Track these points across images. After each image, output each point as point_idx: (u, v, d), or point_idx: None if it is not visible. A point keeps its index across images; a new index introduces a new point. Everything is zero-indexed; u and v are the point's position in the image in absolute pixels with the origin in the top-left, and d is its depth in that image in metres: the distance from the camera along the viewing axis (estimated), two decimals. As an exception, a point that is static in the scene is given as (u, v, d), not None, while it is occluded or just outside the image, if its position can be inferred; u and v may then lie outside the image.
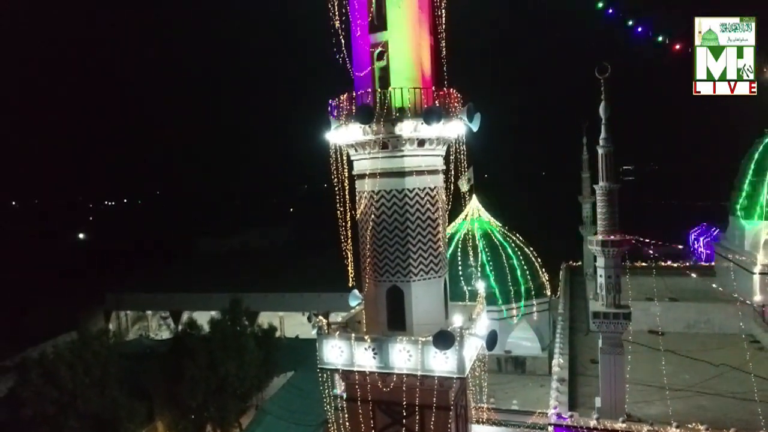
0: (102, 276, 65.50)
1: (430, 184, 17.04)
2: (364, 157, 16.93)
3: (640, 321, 25.88)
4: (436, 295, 17.42)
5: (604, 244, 16.07)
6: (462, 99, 17.84)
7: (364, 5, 16.62)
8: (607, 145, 16.24)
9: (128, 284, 56.93)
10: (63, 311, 52.64)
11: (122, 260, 77.45)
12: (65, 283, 64.41)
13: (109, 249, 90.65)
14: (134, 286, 54.87)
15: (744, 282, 25.89)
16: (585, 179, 38.69)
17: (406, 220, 16.77)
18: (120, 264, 73.41)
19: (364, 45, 16.71)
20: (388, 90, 16.13)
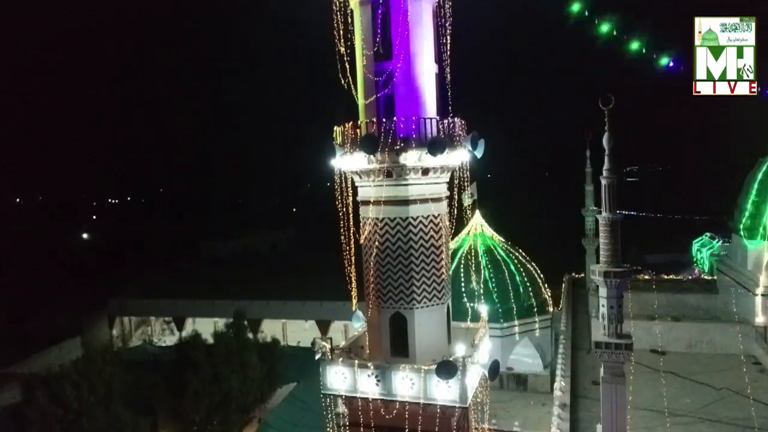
0: (106, 279, 65.82)
1: (433, 211, 17.16)
2: (369, 184, 17.06)
3: (642, 340, 26.03)
4: (439, 322, 17.54)
5: (607, 275, 16.15)
6: (466, 126, 18.03)
7: (370, 37, 16.75)
8: (610, 176, 16.32)
9: (132, 288, 57.13)
10: (66, 316, 52.99)
11: (126, 263, 77.78)
12: (69, 286, 64.87)
13: (112, 251, 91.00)
14: (138, 292, 55.06)
15: (746, 302, 25.91)
16: (588, 192, 38.73)
17: (409, 248, 16.90)
18: (124, 266, 73.73)
19: (369, 73, 16.83)
20: (393, 119, 16.28)
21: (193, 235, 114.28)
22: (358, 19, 17.32)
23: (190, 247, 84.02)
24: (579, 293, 38.20)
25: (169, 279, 57.20)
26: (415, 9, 16.75)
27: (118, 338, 53.73)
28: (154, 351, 45.81)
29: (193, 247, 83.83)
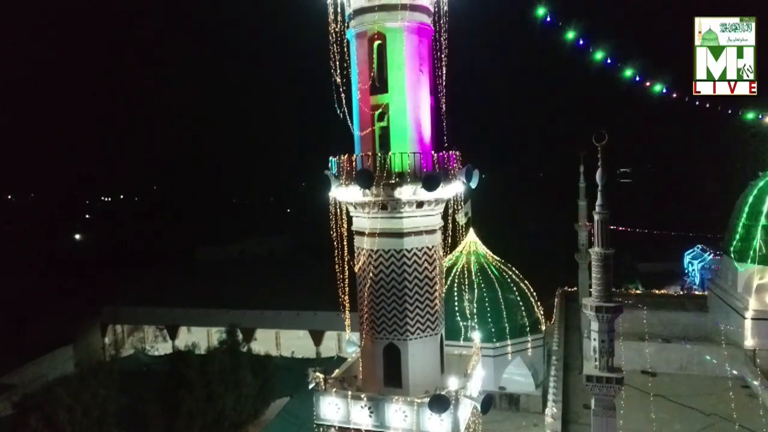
0: (99, 284, 65.41)
1: (428, 243, 17.31)
2: (364, 215, 17.19)
3: (633, 361, 26.27)
4: (433, 353, 17.70)
5: (599, 309, 16.32)
6: (461, 157, 18.16)
7: (365, 69, 16.86)
8: (602, 212, 16.47)
9: (125, 295, 56.89)
10: (59, 322, 52.62)
11: (119, 266, 77.37)
12: (62, 290, 64.30)
13: (106, 254, 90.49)
14: (131, 299, 54.88)
15: (736, 324, 26.20)
16: (581, 207, 38.94)
17: (403, 280, 17.04)
18: (117, 270, 73.32)
19: (365, 106, 16.94)
20: (389, 154, 16.39)
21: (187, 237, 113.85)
22: (354, 51, 17.44)
23: (184, 251, 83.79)
24: (571, 307, 38.40)
25: (163, 286, 57.08)
26: (411, 42, 16.88)
27: (110, 346, 53.57)
28: (146, 361, 45.83)
29: (187, 252, 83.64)
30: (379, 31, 16.64)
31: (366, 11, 16.69)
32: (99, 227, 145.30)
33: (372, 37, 16.77)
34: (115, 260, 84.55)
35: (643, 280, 65.88)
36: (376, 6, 16.47)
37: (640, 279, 66.33)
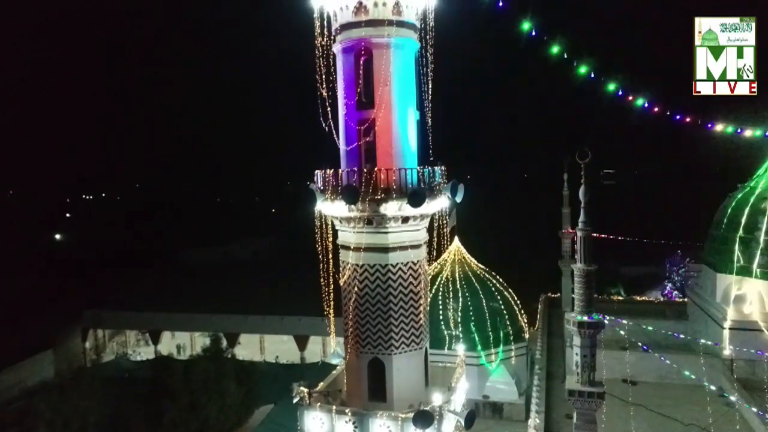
0: (80, 286, 64.41)
1: (413, 258, 17.38)
2: (349, 230, 17.20)
3: (614, 370, 26.58)
4: (417, 367, 17.77)
5: (581, 325, 16.49)
6: (446, 172, 18.26)
7: (352, 84, 16.87)
8: (585, 228, 16.63)
9: (107, 298, 56.16)
10: (39, 325, 51.63)
11: (101, 268, 76.29)
12: (42, 292, 63.16)
13: (87, 255, 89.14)
14: (113, 302, 54.18)
15: (714, 334, 26.67)
16: (565, 215, 39.37)
17: (388, 295, 17.08)
18: (98, 273, 72.30)
19: (351, 122, 16.95)
20: (375, 170, 16.42)
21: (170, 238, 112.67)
22: (340, 65, 17.44)
23: (168, 253, 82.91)
24: (555, 313, 38.77)
25: (145, 289, 56.45)
26: (398, 57, 16.93)
27: (91, 350, 52.82)
28: (128, 366, 45.30)
29: (171, 254, 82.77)
30: (365, 47, 16.67)
31: (353, 26, 16.70)
32: (80, 227, 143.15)
33: (359, 52, 16.78)
34: (96, 262, 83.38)
35: (625, 285, 66.73)
36: (363, 21, 16.49)
37: (623, 283, 67.18)
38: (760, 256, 25.18)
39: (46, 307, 56.09)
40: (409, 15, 16.95)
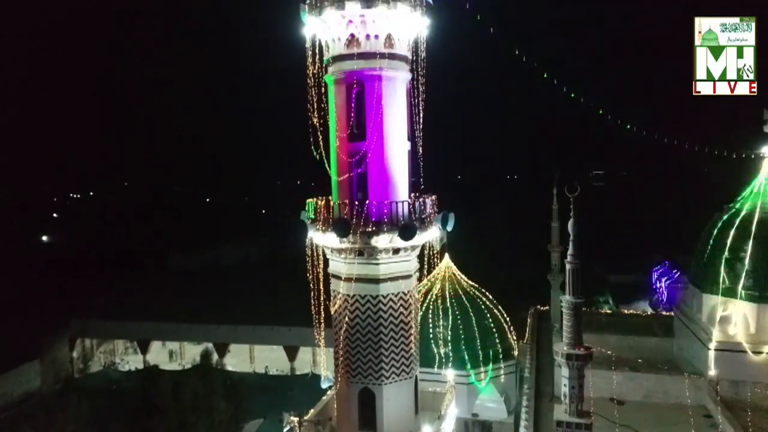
0: (67, 293, 63.55)
1: (403, 288, 17.48)
2: (340, 260, 17.26)
3: (602, 389, 26.82)
4: (407, 395, 17.88)
5: (569, 357, 16.69)
6: (437, 201, 18.36)
7: (343, 116, 16.93)
8: (574, 261, 16.84)
9: (95, 304, 55.63)
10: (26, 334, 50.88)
11: (89, 273, 75.45)
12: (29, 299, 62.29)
13: (75, 259, 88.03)
14: (101, 310, 53.66)
15: (700, 353, 26.98)
16: (554, 229, 39.53)
17: (379, 326, 17.18)
18: (86, 277, 71.46)
19: (342, 153, 17.00)
20: (366, 203, 16.50)
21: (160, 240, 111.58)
22: (332, 96, 17.47)
23: (157, 257, 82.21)
24: (544, 327, 38.92)
25: (133, 298, 56.01)
26: (389, 89, 17.02)
27: (78, 359, 52.39)
28: (116, 377, 45.01)
29: (160, 258, 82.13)
30: (357, 79, 16.74)
31: (345, 58, 16.77)
32: (68, 228, 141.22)
33: (351, 84, 16.85)
34: (84, 266, 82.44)
35: (612, 292, 67.38)
36: (356, 54, 16.56)
37: (610, 290, 67.79)
38: (745, 279, 25.52)
39: (32, 315, 55.28)
40: (400, 47, 17.05)
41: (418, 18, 17.02)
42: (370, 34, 16.49)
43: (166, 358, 53.48)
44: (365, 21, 16.33)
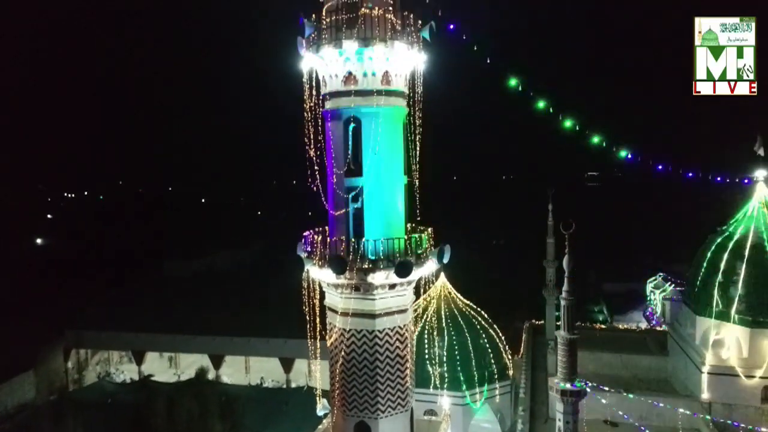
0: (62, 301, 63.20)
1: (399, 323, 17.55)
2: (336, 294, 17.33)
3: (595, 410, 27.00)
4: (403, 428, 17.92)
5: (564, 393, 16.80)
6: (433, 235, 18.45)
7: (340, 152, 16.99)
8: (569, 297, 16.94)
9: (90, 314, 55.43)
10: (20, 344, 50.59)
11: (85, 281, 75.15)
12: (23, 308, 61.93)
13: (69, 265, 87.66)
14: (96, 319, 53.43)
15: (693, 376, 27.22)
16: (549, 244, 39.77)
17: (375, 360, 17.24)
18: (82, 286, 71.17)
19: (339, 189, 17.05)
20: (362, 240, 16.56)
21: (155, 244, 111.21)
22: (329, 131, 17.48)
23: (152, 263, 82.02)
24: (539, 342, 39.18)
25: (128, 307, 55.78)
26: (387, 125, 17.07)
27: (73, 369, 52.18)
28: (111, 390, 44.82)
29: (155, 264, 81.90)
30: (354, 115, 16.80)
31: (342, 95, 16.83)
32: (62, 230, 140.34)
33: (348, 120, 16.91)
34: (79, 271, 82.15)
35: (607, 301, 67.61)
36: (353, 91, 16.62)
37: (605, 299, 68.00)
38: (738, 303, 25.74)
39: (26, 324, 54.92)
40: (397, 83, 17.12)
41: (415, 54, 17.10)
42: (368, 71, 16.55)
43: (163, 365, 53.46)
44: (362, 59, 16.38)
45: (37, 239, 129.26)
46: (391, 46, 16.29)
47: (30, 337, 51.50)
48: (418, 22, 17.26)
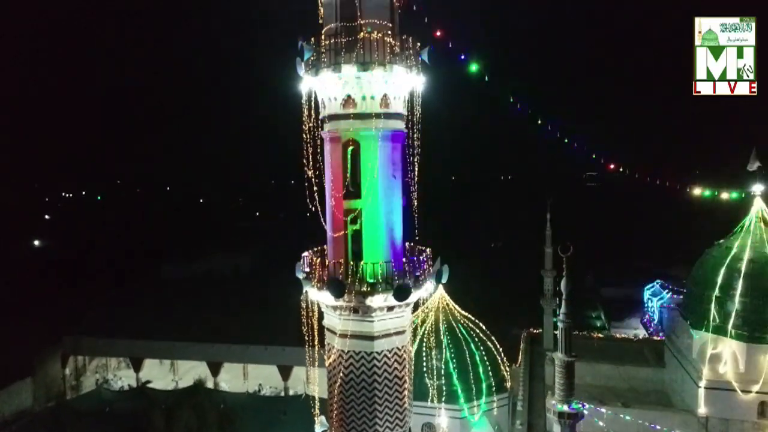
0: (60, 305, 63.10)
1: (398, 344, 17.57)
2: (335, 316, 17.36)
3: (592, 425, 27.08)
4: (400, 449, 18.02)
5: (561, 415, 16.87)
6: (431, 256, 18.50)
7: (339, 174, 17.02)
8: (566, 320, 17.00)
9: (87, 321, 55.36)
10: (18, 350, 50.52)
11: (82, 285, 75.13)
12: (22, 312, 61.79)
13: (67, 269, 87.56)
14: (93, 326, 53.41)
15: (690, 390, 27.29)
16: (547, 254, 39.86)
17: (373, 381, 17.27)
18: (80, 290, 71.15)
19: (338, 212, 17.09)
20: (361, 263, 16.60)
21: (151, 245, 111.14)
22: (327, 153, 17.53)
23: (150, 267, 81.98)
24: (536, 352, 39.25)
25: (127, 312, 55.71)
26: (386, 149, 17.07)
27: (71, 375, 52.18)
28: (109, 397, 44.76)
29: (153, 267, 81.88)
30: (353, 138, 16.82)
31: (341, 118, 16.84)
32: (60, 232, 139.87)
33: (346, 142, 16.94)
34: (77, 274, 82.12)
35: (604, 307, 67.68)
36: (352, 114, 16.64)
37: (602, 305, 68.09)
38: (735, 318, 25.80)
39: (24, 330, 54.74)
40: (396, 106, 17.13)
41: (414, 77, 17.13)
42: (367, 95, 16.57)
43: (161, 371, 53.60)
44: (361, 82, 16.41)
45: (35, 241, 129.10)
46: (390, 69, 16.32)
47: (27, 343, 51.50)
48: (417, 44, 17.31)
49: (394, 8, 17.45)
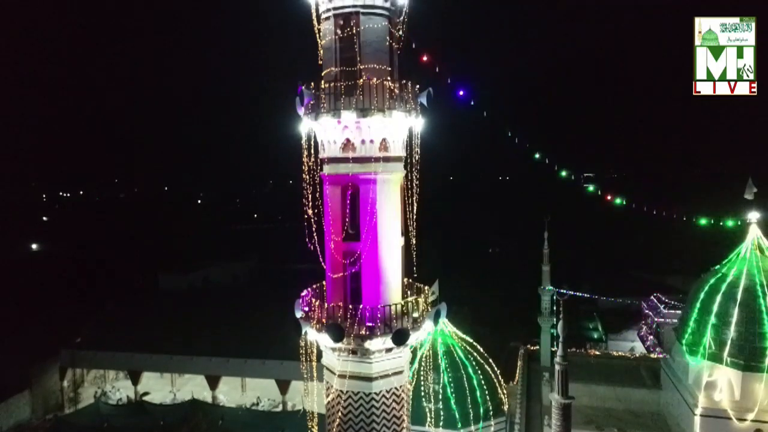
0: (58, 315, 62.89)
1: (395, 384, 17.73)
2: (334, 356, 17.49)
3: (590, 450, 27.28)
4: (398, 487, 18.16)
5: (558, 455, 17.00)
6: (428, 294, 18.65)
7: (338, 218, 17.14)
8: (562, 363, 17.16)
9: (85, 332, 55.19)
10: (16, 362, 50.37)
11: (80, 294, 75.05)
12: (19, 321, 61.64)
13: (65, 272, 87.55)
14: (91, 338, 53.26)
15: (686, 416, 27.44)
16: (545, 272, 40.08)
17: (372, 422, 17.41)
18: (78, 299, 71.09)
19: (337, 254, 17.21)
20: (360, 307, 16.73)
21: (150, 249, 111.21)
22: (327, 195, 17.64)
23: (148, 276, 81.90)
24: (533, 369, 39.46)
25: (125, 326, 55.52)
26: (384, 191, 17.23)
27: (69, 387, 52.19)
28: (107, 412, 44.73)
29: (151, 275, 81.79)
30: (352, 182, 16.95)
31: (340, 161, 16.98)
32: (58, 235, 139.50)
33: (345, 186, 17.08)
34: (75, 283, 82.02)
35: (601, 318, 67.76)
36: (351, 158, 16.78)
37: (599, 316, 68.16)
38: (731, 346, 25.98)
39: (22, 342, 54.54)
40: (395, 149, 17.28)
41: (412, 120, 17.27)
42: (366, 139, 16.72)
43: (159, 383, 53.62)
44: (360, 127, 16.57)
45: (32, 245, 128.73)
46: (390, 115, 16.46)
47: (26, 356, 51.41)
48: (416, 86, 17.43)
49: (393, 51, 17.60)
